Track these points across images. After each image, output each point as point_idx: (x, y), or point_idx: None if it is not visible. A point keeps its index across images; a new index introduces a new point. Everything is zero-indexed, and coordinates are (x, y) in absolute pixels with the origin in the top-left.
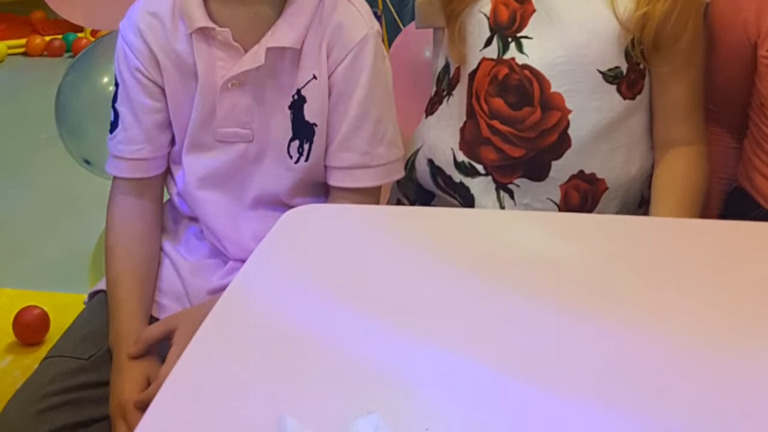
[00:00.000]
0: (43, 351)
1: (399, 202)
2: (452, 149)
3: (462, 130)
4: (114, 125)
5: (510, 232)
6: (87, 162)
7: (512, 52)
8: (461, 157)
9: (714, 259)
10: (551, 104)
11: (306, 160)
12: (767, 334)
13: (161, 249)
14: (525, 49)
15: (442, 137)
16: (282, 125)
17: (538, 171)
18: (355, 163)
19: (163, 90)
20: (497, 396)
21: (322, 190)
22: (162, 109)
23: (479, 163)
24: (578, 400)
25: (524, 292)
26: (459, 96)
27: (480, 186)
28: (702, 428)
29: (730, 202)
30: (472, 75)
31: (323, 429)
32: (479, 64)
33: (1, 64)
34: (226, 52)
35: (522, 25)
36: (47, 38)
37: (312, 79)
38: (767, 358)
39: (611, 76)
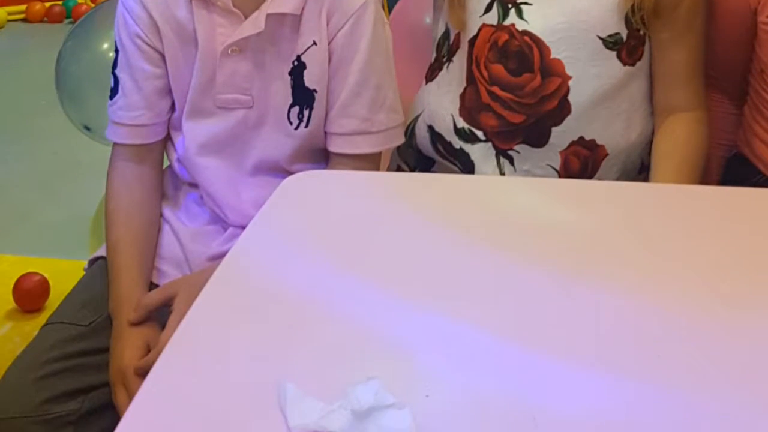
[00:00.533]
0: (43, 317)
1: (399, 169)
2: (452, 115)
3: (462, 97)
4: (114, 91)
5: (510, 199)
6: (87, 128)
7: (512, 18)
8: (461, 123)
9: (714, 226)
10: (551, 70)
11: (306, 126)
12: (766, 300)
13: (161, 215)
14: (525, 15)
15: (442, 103)
16: (282, 91)
17: (538, 137)
18: (355, 129)
19: (163, 56)
20: (497, 362)
21: (322, 157)
22: (162, 76)
23: (479, 129)
24: (578, 365)
25: (524, 258)
26: (459, 62)
27: (480, 152)
28: (702, 395)
29: (730, 169)
30: (472, 41)
31: (323, 395)
32: (479, 31)
33: (0, 30)
34: (226, 18)
35: None
36: (47, 4)
37: (312, 45)
38: (767, 323)
39: (611, 43)
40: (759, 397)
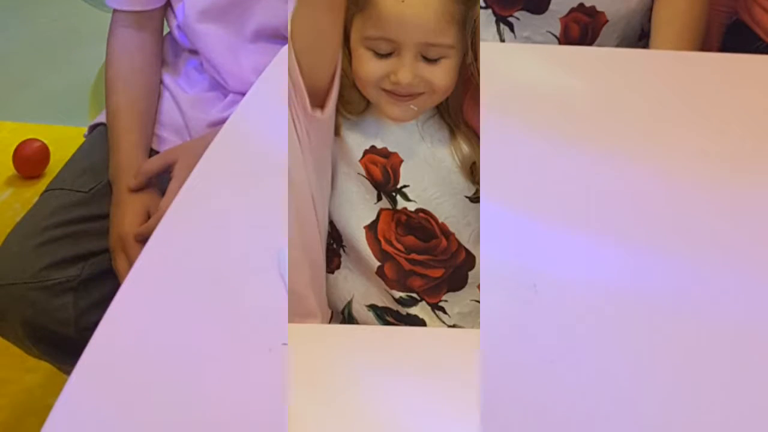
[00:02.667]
0: (43, 184)
1: None
2: None
3: None
4: None
5: (510, 65)
6: None
7: None
8: None
9: (714, 92)
10: None
11: None
12: (765, 165)
13: (161, 82)
14: None
15: None
16: None
17: (538, 3)
18: None
19: None
20: (498, 229)
21: None
22: None
23: None
24: (577, 232)
25: (525, 124)
26: None
27: (480, 19)
28: (702, 260)
29: (730, 35)
30: None
31: None
32: None
33: None
34: None
35: None
36: None
37: None
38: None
39: None
40: (760, 262)
